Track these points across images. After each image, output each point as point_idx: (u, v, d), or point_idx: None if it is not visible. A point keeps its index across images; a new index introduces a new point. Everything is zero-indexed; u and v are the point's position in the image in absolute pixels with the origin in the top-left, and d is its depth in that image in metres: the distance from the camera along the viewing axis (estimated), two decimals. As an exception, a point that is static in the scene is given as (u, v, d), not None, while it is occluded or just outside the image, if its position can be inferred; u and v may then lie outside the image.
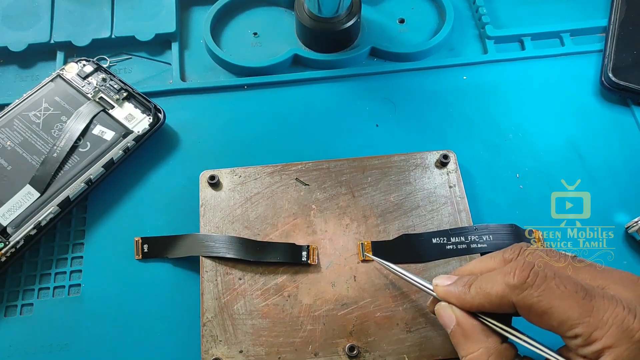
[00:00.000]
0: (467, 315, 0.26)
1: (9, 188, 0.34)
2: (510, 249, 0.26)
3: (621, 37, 0.40)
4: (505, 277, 0.24)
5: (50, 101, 0.37)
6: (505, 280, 0.24)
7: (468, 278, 0.26)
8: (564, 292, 0.23)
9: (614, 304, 0.22)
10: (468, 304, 0.26)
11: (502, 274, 0.24)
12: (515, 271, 0.24)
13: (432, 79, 0.41)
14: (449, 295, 0.26)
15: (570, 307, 0.22)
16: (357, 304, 0.31)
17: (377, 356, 0.30)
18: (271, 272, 0.32)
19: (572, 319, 0.22)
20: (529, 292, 0.23)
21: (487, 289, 0.25)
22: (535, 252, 0.26)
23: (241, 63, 0.41)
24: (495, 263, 0.26)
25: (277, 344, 0.30)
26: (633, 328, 0.21)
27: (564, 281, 0.23)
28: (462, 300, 0.26)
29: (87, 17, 0.42)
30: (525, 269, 0.24)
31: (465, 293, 0.26)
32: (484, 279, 0.25)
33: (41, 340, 0.32)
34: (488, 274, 0.25)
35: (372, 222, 0.34)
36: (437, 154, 0.36)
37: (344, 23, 0.39)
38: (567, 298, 0.22)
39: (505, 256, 0.26)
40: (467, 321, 0.26)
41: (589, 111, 0.39)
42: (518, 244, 0.27)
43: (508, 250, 0.27)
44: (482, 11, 0.43)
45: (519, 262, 0.24)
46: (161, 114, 0.37)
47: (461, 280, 0.26)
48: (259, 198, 0.34)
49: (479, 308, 0.25)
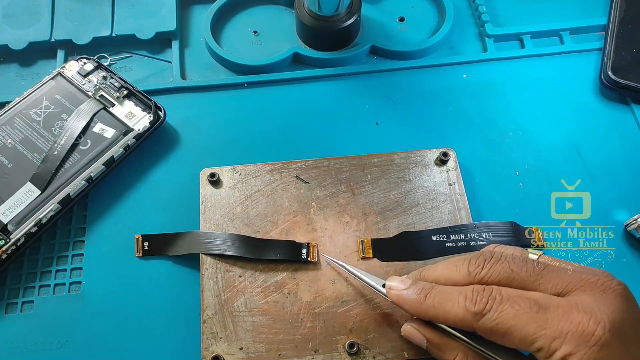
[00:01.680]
0: (434, 332, 0.27)
1: (9, 186, 0.34)
2: (475, 261, 0.26)
3: (621, 35, 0.40)
4: (467, 303, 0.24)
5: (51, 99, 0.37)
6: (467, 305, 0.24)
7: (423, 285, 0.26)
8: (518, 311, 0.23)
9: (569, 310, 0.22)
10: (422, 313, 0.26)
11: (463, 297, 0.24)
12: (476, 298, 0.24)
13: (431, 77, 0.41)
14: (402, 301, 0.27)
15: (526, 324, 0.23)
16: (357, 301, 0.31)
17: (376, 353, 0.30)
18: (271, 269, 0.32)
19: (530, 334, 0.22)
20: (487, 317, 0.23)
21: (446, 308, 0.25)
22: (499, 264, 0.25)
23: (241, 61, 0.41)
24: (460, 275, 0.26)
25: (277, 341, 0.30)
26: (589, 332, 0.22)
27: (517, 300, 0.23)
28: (416, 309, 0.26)
29: (88, 16, 0.42)
30: (485, 295, 0.24)
31: (419, 302, 0.26)
32: (443, 294, 0.25)
33: (42, 337, 0.32)
34: (448, 291, 0.25)
35: (372, 220, 0.34)
36: (436, 151, 0.36)
37: (344, 21, 0.39)
38: (521, 316, 0.23)
39: (470, 269, 0.26)
40: (436, 337, 0.27)
41: (588, 109, 0.39)
42: (484, 253, 0.27)
43: (473, 261, 0.26)
44: (481, 9, 0.43)
45: (479, 289, 0.24)
46: (161, 112, 0.37)
47: (416, 287, 0.26)
48: (259, 196, 0.34)
49: (432, 319, 0.26)
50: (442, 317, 0.25)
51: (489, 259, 0.26)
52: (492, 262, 0.26)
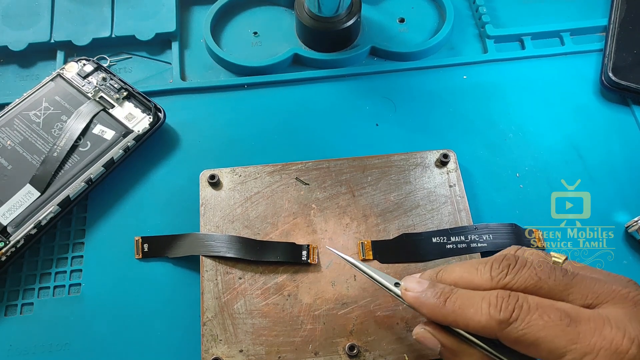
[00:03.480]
0: (450, 337, 0.25)
1: (9, 187, 0.34)
2: (498, 265, 0.25)
3: (621, 36, 0.40)
4: (491, 309, 0.23)
5: (51, 100, 0.37)
6: (491, 312, 0.23)
7: (443, 288, 0.25)
8: (548, 322, 0.22)
9: (601, 325, 0.22)
10: (440, 318, 0.24)
11: (487, 303, 0.23)
12: (501, 305, 0.23)
13: (432, 79, 0.41)
14: (420, 304, 0.25)
15: (556, 337, 0.21)
16: (357, 304, 0.31)
17: (377, 355, 0.30)
18: (271, 271, 0.32)
19: (560, 347, 0.21)
20: (513, 326, 0.22)
21: (468, 314, 0.23)
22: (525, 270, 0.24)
23: (241, 62, 0.41)
24: (481, 279, 0.25)
25: (277, 343, 0.30)
26: (623, 349, 0.21)
27: (547, 310, 0.22)
28: (434, 313, 0.24)
29: (87, 17, 0.42)
30: (511, 303, 0.23)
31: (439, 307, 0.24)
32: (464, 299, 0.24)
33: (41, 339, 0.32)
34: (470, 296, 0.24)
35: (372, 222, 0.34)
36: (437, 153, 0.36)
37: (344, 22, 0.39)
38: (552, 328, 0.22)
39: (493, 274, 0.24)
40: (452, 342, 0.25)
41: (589, 111, 0.39)
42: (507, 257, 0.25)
43: (496, 265, 0.25)
44: (482, 10, 0.43)
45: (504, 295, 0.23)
46: (161, 114, 0.37)
47: (435, 289, 0.25)
48: (259, 197, 0.34)
49: (451, 325, 0.24)
50: (463, 323, 0.23)
51: (514, 264, 0.24)
52: (517, 268, 0.24)
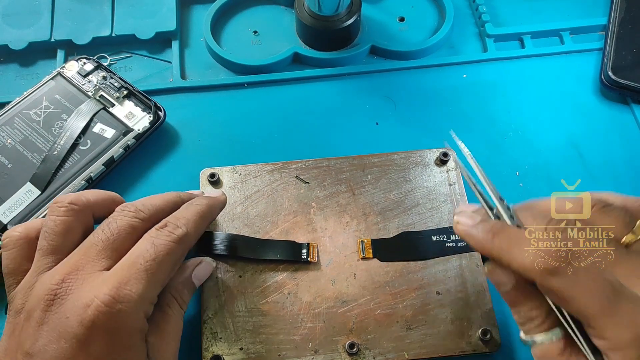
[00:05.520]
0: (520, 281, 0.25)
1: (9, 186, 0.34)
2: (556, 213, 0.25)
3: (621, 35, 0.40)
4: (536, 257, 0.23)
5: (51, 99, 0.37)
6: (536, 260, 0.23)
7: (493, 224, 0.25)
8: (591, 288, 0.22)
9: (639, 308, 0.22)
10: (486, 252, 0.25)
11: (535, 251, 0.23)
12: (549, 256, 0.23)
13: (432, 77, 0.41)
14: (469, 237, 0.26)
15: (592, 304, 0.22)
16: (357, 302, 0.31)
17: (377, 353, 0.30)
18: (271, 269, 0.32)
19: (590, 315, 0.22)
20: (555, 278, 0.22)
21: (514, 254, 0.23)
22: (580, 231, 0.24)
23: (241, 61, 0.41)
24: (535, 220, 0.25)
25: (277, 341, 0.30)
26: None
27: (593, 276, 0.22)
28: (481, 247, 0.25)
29: (88, 15, 0.42)
30: (559, 255, 0.22)
31: (487, 241, 0.25)
32: (513, 239, 0.24)
33: (42, 337, 0.32)
34: (519, 236, 0.24)
35: (372, 220, 0.34)
36: (436, 151, 0.36)
37: (344, 21, 0.39)
38: (592, 295, 0.22)
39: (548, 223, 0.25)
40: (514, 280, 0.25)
41: (588, 109, 0.39)
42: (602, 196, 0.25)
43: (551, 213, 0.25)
44: (481, 9, 0.43)
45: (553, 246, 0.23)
46: (161, 112, 0.37)
47: (485, 225, 0.25)
48: (259, 196, 0.34)
49: (495, 260, 0.25)
50: (507, 261, 0.24)
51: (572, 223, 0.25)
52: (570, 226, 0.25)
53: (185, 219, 0.28)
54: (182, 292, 0.28)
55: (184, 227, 0.27)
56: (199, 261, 0.30)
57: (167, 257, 0.26)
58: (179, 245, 0.26)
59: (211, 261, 0.31)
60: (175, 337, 0.27)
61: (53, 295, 0.24)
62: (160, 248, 0.25)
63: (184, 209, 0.29)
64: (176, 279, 0.28)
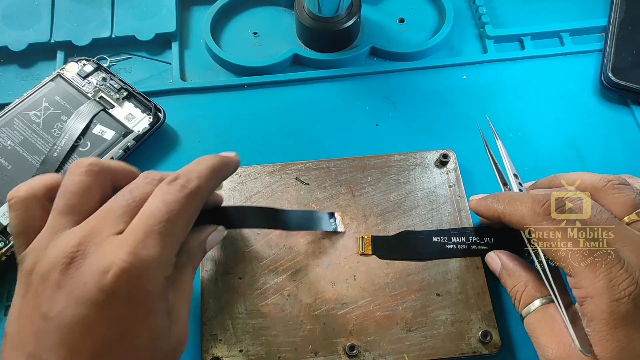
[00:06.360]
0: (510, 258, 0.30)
1: (9, 187, 0.34)
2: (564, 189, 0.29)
3: (621, 36, 0.40)
4: (533, 203, 0.27)
5: (51, 100, 0.37)
6: (532, 206, 0.26)
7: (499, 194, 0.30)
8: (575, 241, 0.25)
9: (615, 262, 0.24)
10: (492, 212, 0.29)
11: (533, 198, 0.27)
12: (545, 202, 0.26)
13: (431, 79, 0.41)
14: (478, 205, 0.30)
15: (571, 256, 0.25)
16: (357, 303, 0.31)
17: (377, 355, 0.30)
18: (271, 271, 0.32)
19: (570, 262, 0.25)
20: (546, 223, 0.26)
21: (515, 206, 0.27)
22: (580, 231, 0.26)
23: (241, 62, 0.41)
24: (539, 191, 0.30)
25: (277, 343, 0.30)
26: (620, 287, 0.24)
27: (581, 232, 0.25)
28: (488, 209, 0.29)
29: (88, 17, 0.42)
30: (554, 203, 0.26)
31: (493, 203, 0.29)
32: (515, 196, 0.28)
33: (41, 339, 0.32)
34: (522, 195, 0.28)
35: (372, 222, 0.34)
36: (436, 153, 0.36)
37: (344, 22, 0.39)
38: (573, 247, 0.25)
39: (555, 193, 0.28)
40: (510, 262, 0.30)
41: (588, 111, 0.39)
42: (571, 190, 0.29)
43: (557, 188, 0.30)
44: (481, 11, 0.43)
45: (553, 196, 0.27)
46: (161, 114, 0.37)
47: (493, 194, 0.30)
48: (259, 197, 0.34)
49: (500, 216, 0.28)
50: (509, 215, 0.28)
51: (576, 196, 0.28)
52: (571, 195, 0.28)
53: (197, 171, 0.26)
54: (197, 255, 0.27)
55: (196, 179, 0.26)
56: (214, 227, 0.29)
57: (180, 215, 0.24)
58: (192, 201, 0.25)
59: (222, 229, 0.29)
60: (189, 298, 0.26)
61: (70, 259, 0.23)
62: (172, 206, 0.24)
63: (195, 163, 0.27)
64: (191, 241, 0.27)
